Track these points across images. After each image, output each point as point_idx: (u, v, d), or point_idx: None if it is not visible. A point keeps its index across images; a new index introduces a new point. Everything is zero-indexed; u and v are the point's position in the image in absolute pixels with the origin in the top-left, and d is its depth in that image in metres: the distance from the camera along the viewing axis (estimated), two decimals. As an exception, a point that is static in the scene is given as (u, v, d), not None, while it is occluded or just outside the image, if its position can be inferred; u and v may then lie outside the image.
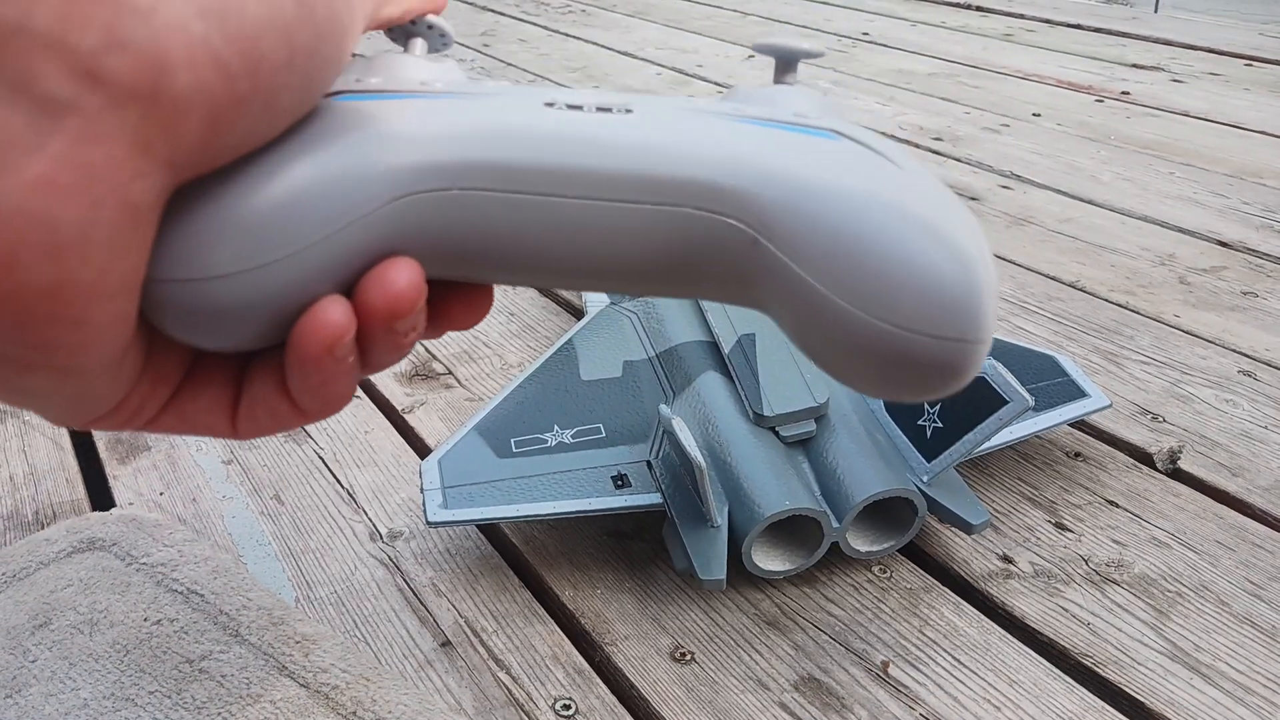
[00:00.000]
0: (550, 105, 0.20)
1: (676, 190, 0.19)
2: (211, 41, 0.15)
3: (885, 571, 0.56)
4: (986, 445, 0.58)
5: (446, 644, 0.52)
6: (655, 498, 0.54)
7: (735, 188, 0.19)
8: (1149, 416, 0.70)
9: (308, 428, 0.70)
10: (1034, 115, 1.41)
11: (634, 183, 0.19)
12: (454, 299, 0.22)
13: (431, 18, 0.24)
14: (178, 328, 0.18)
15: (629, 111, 0.20)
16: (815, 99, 0.23)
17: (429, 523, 0.52)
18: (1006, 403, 0.52)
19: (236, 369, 0.21)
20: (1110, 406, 0.63)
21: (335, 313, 0.18)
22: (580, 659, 0.51)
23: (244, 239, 0.17)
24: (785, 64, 0.24)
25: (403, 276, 0.19)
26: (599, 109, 0.20)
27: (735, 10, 2.20)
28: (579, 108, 0.20)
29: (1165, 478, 0.64)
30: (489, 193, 0.19)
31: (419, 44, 0.24)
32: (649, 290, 0.21)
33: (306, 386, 0.19)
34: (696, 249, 0.20)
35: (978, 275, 0.18)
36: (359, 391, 0.75)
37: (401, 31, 0.24)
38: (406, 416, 0.72)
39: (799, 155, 0.19)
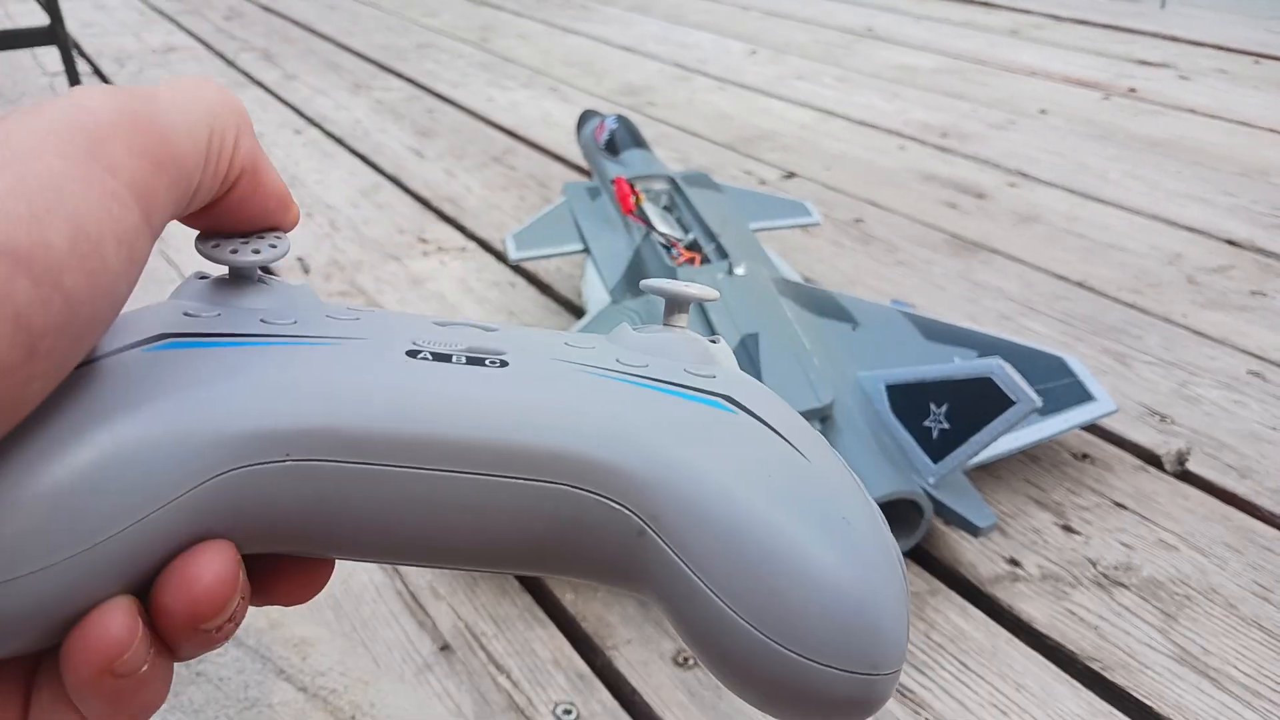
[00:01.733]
0: (414, 354, 0.17)
1: (553, 465, 0.17)
2: None
3: (890, 574, 0.56)
4: (993, 452, 0.57)
5: (446, 648, 0.51)
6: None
7: (621, 467, 0.17)
8: (1157, 417, 0.69)
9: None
10: (1040, 112, 1.40)
11: (504, 454, 0.16)
12: (285, 572, 0.18)
13: (277, 233, 0.20)
14: None
15: (503, 364, 0.18)
16: (703, 349, 0.20)
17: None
18: (1014, 404, 0.51)
19: (24, 677, 0.17)
20: (1117, 411, 0.62)
21: (113, 625, 0.15)
22: (582, 663, 0.50)
23: (20, 541, 0.14)
24: (675, 306, 0.21)
25: (208, 572, 0.16)
26: (469, 359, 0.17)
27: (736, 4, 2.19)
28: (447, 358, 0.17)
29: (1173, 479, 0.63)
30: (331, 463, 0.16)
31: (256, 259, 0.19)
32: (517, 569, 0.18)
33: (91, 707, 0.16)
34: (574, 531, 0.17)
35: (888, 597, 0.16)
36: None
37: (239, 242, 0.19)
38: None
39: (694, 433, 0.17)
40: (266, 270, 0.20)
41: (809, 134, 1.33)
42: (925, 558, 0.57)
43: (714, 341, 0.21)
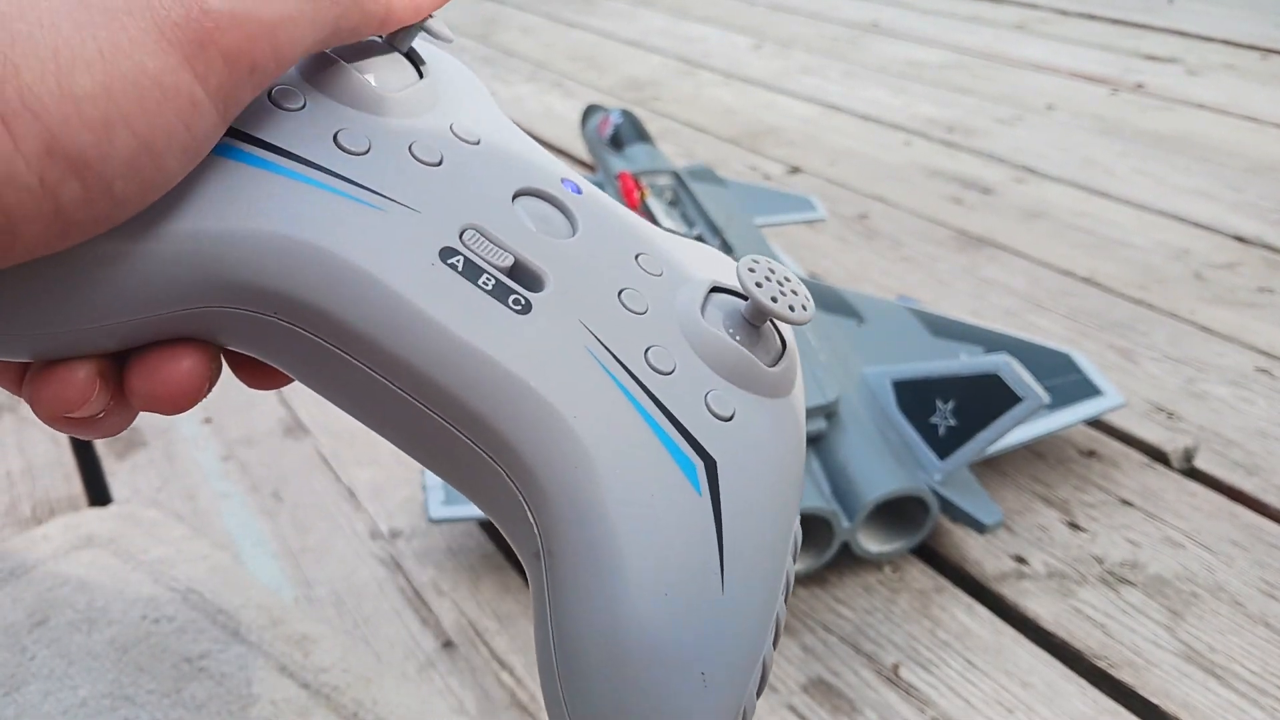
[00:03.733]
0: (447, 257, 0.16)
1: (500, 449, 0.16)
2: None
3: (896, 572, 0.55)
4: (999, 445, 0.57)
5: (449, 644, 0.51)
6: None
7: (552, 496, 0.16)
8: (1164, 414, 0.69)
9: (305, 423, 0.70)
10: (1047, 107, 1.39)
11: (463, 414, 0.16)
12: (254, 365, 0.19)
13: (430, 22, 0.18)
14: None
15: (525, 309, 0.16)
16: (755, 375, 0.18)
17: (431, 519, 0.51)
18: (1020, 400, 0.51)
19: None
20: (1125, 405, 0.62)
21: (71, 385, 0.16)
22: (584, 660, 0.50)
23: (23, 312, 0.16)
24: (758, 312, 0.18)
25: (176, 374, 0.17)
26: (497, 285, 0.16)
27: None
28: (476, 274, 0.16)
29: (1180, 476, 0.63)
30: (310, 336, 0.16)
31: (385, 66, 0.18)
32: (447, 481, 0.18)
33: (56, 429, 0.18)
34: (492, 498, 0.17)
35: None
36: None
37: (396, 39, 0.19)
38: (409, 411, 0.71)
39: (636, 510, 0.16)
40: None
41: (814, 129, 1.32)
42: (931, 555, 0.57)
43: (778, 361, 0.18)
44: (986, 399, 0.52)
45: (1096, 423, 0.67)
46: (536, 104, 1.43)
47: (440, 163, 0.17)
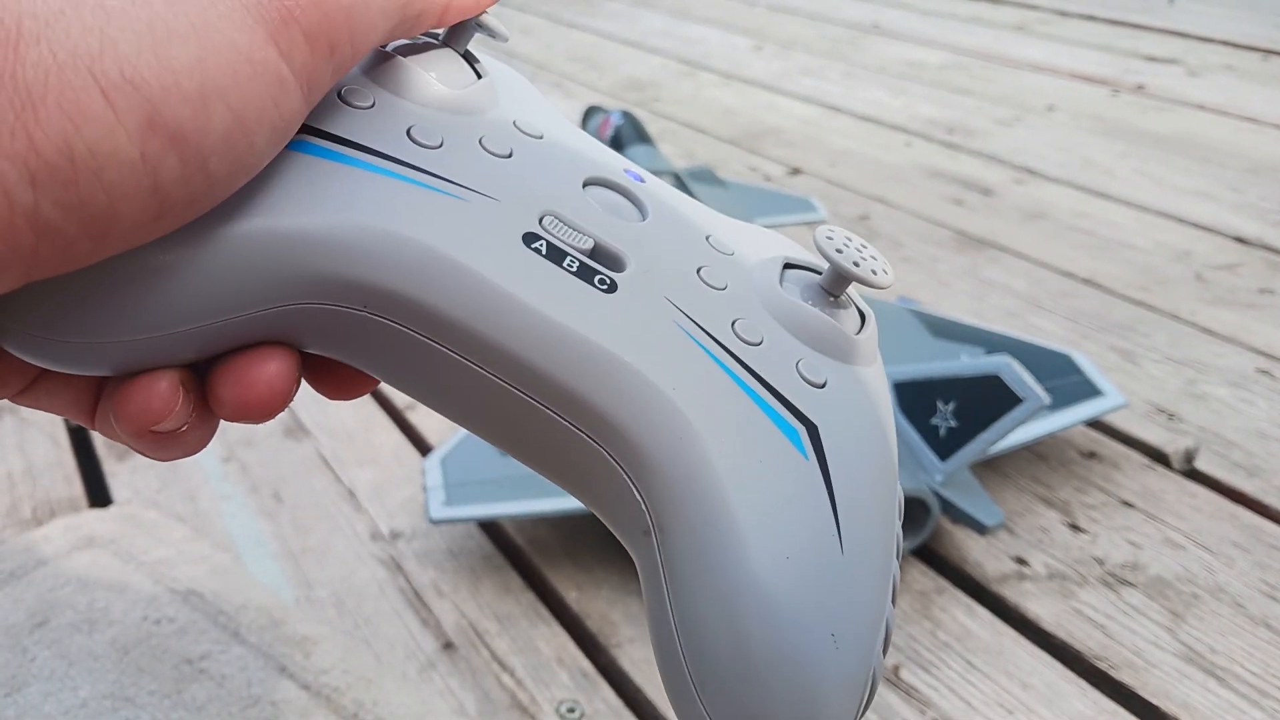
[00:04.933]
0: (530, 241, 0.16)
1: (602, 430, 0.16)
2: (42, 212, 0.13)
3: (896, 573, 0.55)
4: (1001, 445, 0.57)
5: (449, 645, 0.51)
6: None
7: (660, 469, 0.16)
8: (1165, 415, 0.69)
9: (306, 424, 0.70)
10: (1048, 108, 1.39)
11: (563, 397, 0.16)
12: (339, 370, 0.19)
13: (486, 18, 0.19)
14: (29, 357, 0.16)
15: (611, 288, 0.17)
16: (840, 342, 0.18)
17: (431, 520, 0.51)
18: (1021, 401, 0.51)
19: (96, 383, 0.19)
20: (1126, 405, 0.62)
21: (155, 396, 0.16)
22: (586, 661, 0.50)
23: (105, 317, 0.15)
24: (839, 279, 0.18)
25: (264, 377, 0.16)
26: (581, 267, 0.17)
27: None
28: (560, 257, 0.17)
29: (1181, 477, 0.63)
30: (403, 330, 0.16)
31: (446, 65, 0.19)
32: (533, 469, 0.18)
33: (136, 448, 0.18)
34: (595, 485, 0.17)
35: None
36: (362, 387, 0.74)
37: (454, 34, 0.19)
38: (407, 414, 0.71)
39: (746, 474, 0.16)
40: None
41: (814, 130, 1.32)
42: (932, 556, 0.57)
43: (861, 330, 0.19)
44: (987, 400, 0.52)
45: (1097, 424, 0.67)
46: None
47: (510, 155, 0.18)
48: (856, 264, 0.18)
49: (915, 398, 0.56)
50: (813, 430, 0.17)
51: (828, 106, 1.42)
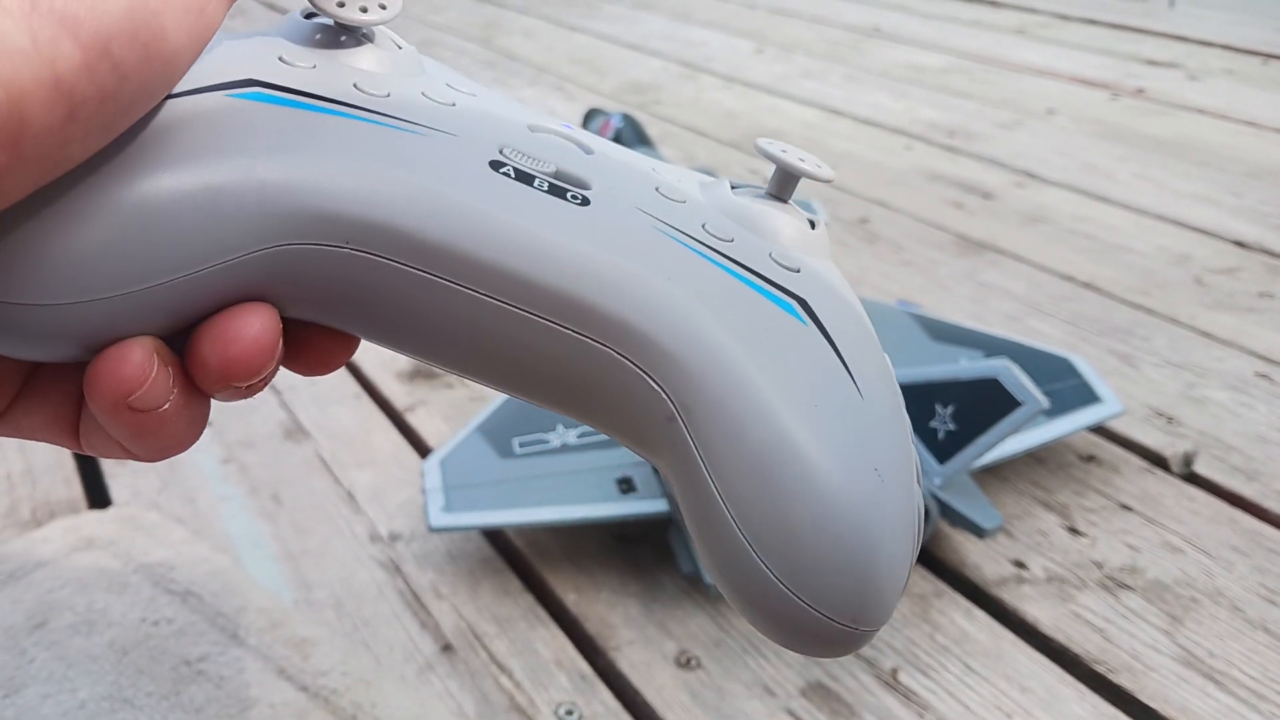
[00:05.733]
0: (497, 166, 0.17)
1: (604, 326, 0.16)
2: None
3: (894, 576, 0.55)
4: (998, 454, 0.57)
5: (448, 647, 0.51)
6: (661, 505, 0.53)
7: (671, 350, 0.16)
8: (1164, 419, 0.69)
9: (305, 426, 0.70)
10: (1048, 112, 1.40)
11: (559, 302, 0.16)
12: (314, 342, 0.18)
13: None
14: None
15: (584, 202, 0.17)
16: (800, 233, 0.19)
17: (431, 528, 0.51)
18: (1020, 404, 0.51)
19: (76, 388, 0.18)
20: (1124, 413, 0.62)
21: (128, 361, 0.15)
22: (584, 664, 0.50)
23: (67, 272, 0.14)
24: (785, 179, 0.20)
25: (247, 334, 0.16)
26: (551, 186, 0.17)
27: (743, 2, 2.18)
28: (530, 179, 0.17)
29: (1180, 481, 0.63)
30: (388, 262, 0.16)
31: (368, 41, 0.18)
32: (541, 405, 0.18)
33: (116, 435, 0.16)
34: (606, 393, 0.17)
35: (890, 563, 0.16)
36: (358, 390, 0.74)
37: None
38: (407, 416, 0.71)
39: (754, 337, 0.16)
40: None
41: (815, 133, 1.32)
42: (930, 559, 0.57)
43: (813, 225, 0.20)
44: (986, 403, 0.52)
45: (1096, 428, 0.67)
46: (538, 107, 1.44)
47: (454, 105, 0.18)
48: (802, 160, 0.19)
49: (914, 401, 0.56)
50: (803, 303, 0.17)
51: (829, 109, 1.42)
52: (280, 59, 0.17)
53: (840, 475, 0.16)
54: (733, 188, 0.20)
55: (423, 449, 0.67)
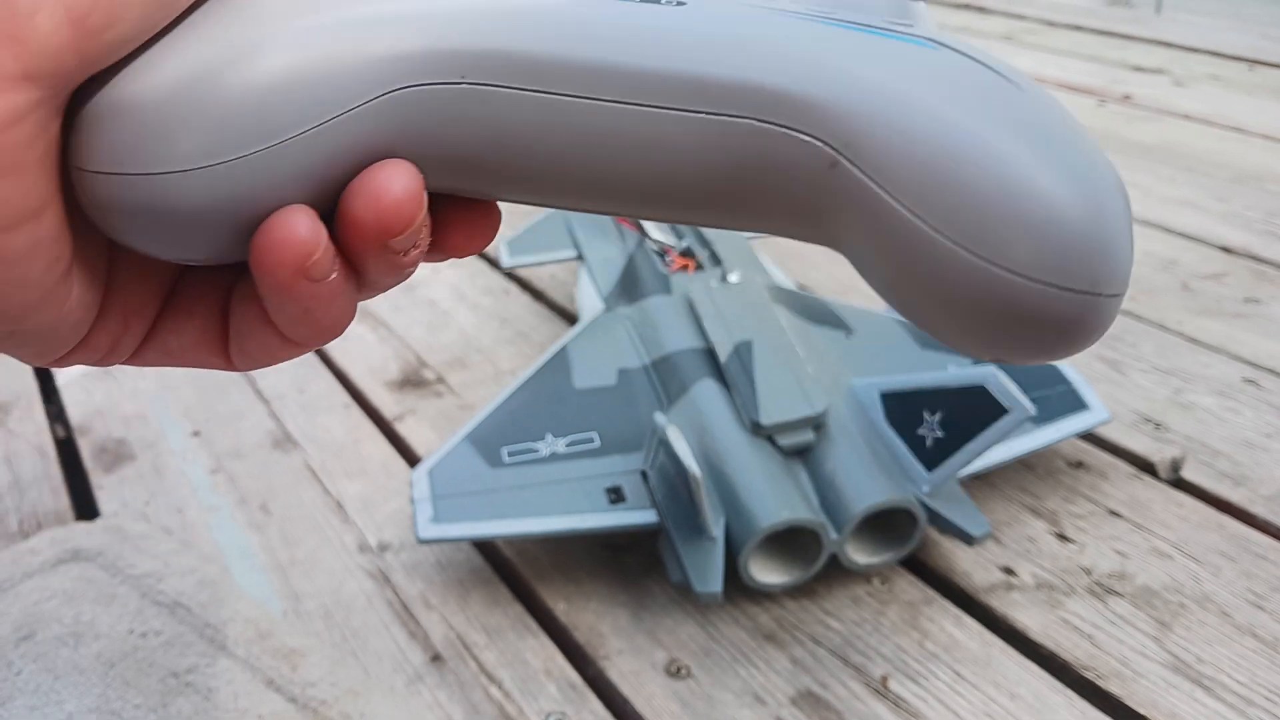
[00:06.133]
0: None
1: (737, 97, 0.16)
2: None
3: (885, 584, 0.55)
4: (986, 461, 0.57)
5: (437, 658, 0.51)
6: (650, 515, 0.53)
7: (813, 97, 0.16)
8: (1151, 425, 0.69)
9: (294, 435, 0.69)
10: (1034, 118, 1.40)
11: (687, 86, 0.16)
12: (455, 219, 0.18)
13: None
14: (125, 231, 0.16)
15: (680, 3, 0.17)
16: (901, 3, 0.18)
17: (420, 539, 0.51)
18: (1007, 412, 0.51)
19: (220, 297, 0.18)
20: (1110, 420, 0.62)
21: (299, 226, 0.15)
22: (574, 673, 0.50)
23: (202, 129, 0.14)
24: None
25: (396, 184, 0.16)
26: None
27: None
28: None
29: (1168, 487, 0.63)
30: (507, 90, 0.16)
31: None
32: (694, 218, 0.18)
33: (285, 315, 0.17)
34: (759, 169, 0.16)
35: (1113, 212, 0.15)
36: (348, 400, 0.74)
37: None
38: (396, 425, 0.71)
39: (893, 63, 0.16)
40: None
41: (804, 140, 1.32)
42: (919, 566, 0.57)
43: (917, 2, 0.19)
44: (973, 411, 0.52)
45: (1085, 434, 0.68)
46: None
47: None
48: None
49: (902, 409, 0.56)
50: (928, 39, 0.17)
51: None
52: None
53: (1033, 143, 0.15)
54: None
55: (412, 458, 0.67)
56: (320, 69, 0.15)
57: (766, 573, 0.53)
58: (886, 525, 0.55)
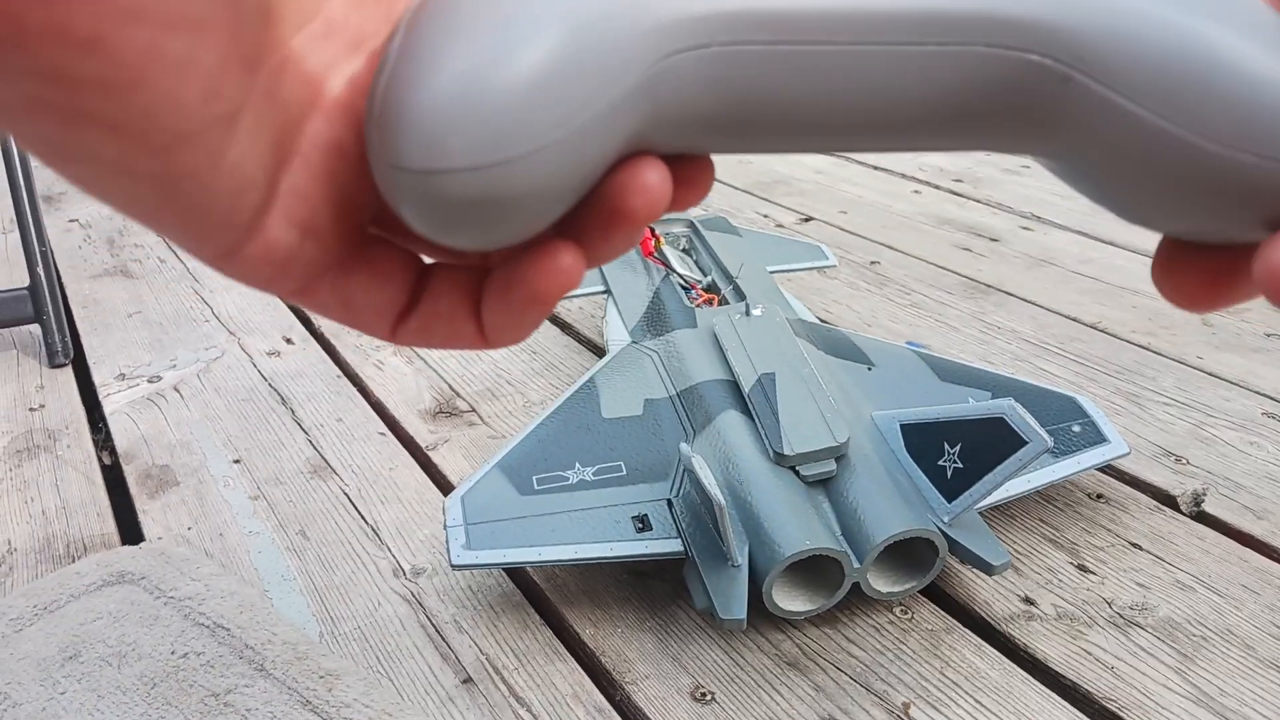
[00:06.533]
0: None
1: (968, 27, 0.17)
2: None
3: (906, 612, 0.56)
4: (1006, 493, 0.58)
5: (468, 681, 0.52)
6: (676, 544, 0.54)
7: (1042, 19, 0.17)
8: (1172, 458, 0.70)
9: (331, 463, 0.71)
10: (1054, 156, 1.41)
11: (917, 21, 0.17)
12: (680, 177, 0.19)
13: None
14: (419, 221, 0.16)
15: None
16: None
17: (454, 565, 0.53)
18: (1026, 443, 0.52)
19: (421, 273, 0.19)
20: (1130, 454, 0.63)
21: (653, 174, 0.16)
22: (601, 698, 0.51)
23: (494, 126, 0.15)
24: None
25: (654, 176, 0.16)
26: None
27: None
28: None
29: (1189, 520, 0.64)
30: (752, 46, 0.16)
31: None
32: (923, 143, 0.18)
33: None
34: (991, 92, 0.17)
35: None
36: (384, 429, 0.76)
37: None
38: (430, 453, 0.73)
39: None
40: None
41: (825, 179, 1.35)
42: (940, 596, 0.58)
43: None
44: (992, 442, 0.53)
45: (1104, 467, 0.68)
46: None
47: None
48: None
49: (922, 440, 0.57)
50: None
51: (838, 156, 1.45)
52: None
53: (1259, 42, 0.16)
54: None
55: (445, 486, 0.68)
56: (598, 45, 0.15)
57: (790, 600, 0.54)
58: (908, 554, 0.55)
